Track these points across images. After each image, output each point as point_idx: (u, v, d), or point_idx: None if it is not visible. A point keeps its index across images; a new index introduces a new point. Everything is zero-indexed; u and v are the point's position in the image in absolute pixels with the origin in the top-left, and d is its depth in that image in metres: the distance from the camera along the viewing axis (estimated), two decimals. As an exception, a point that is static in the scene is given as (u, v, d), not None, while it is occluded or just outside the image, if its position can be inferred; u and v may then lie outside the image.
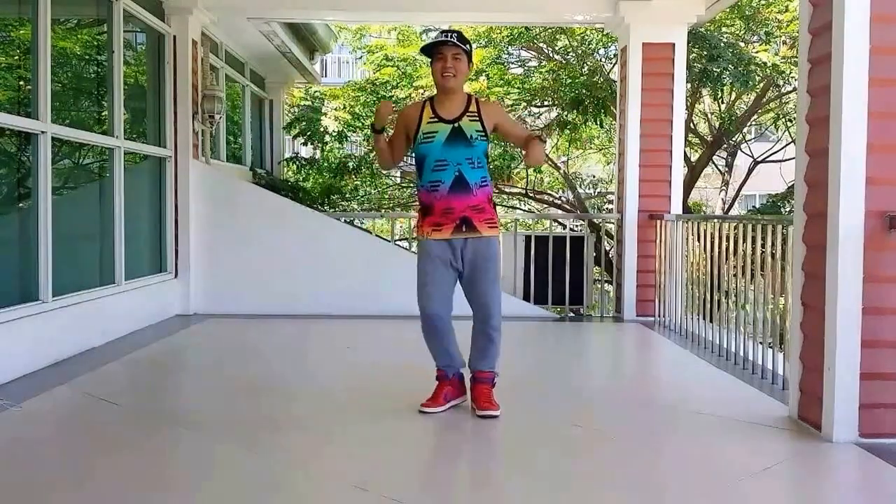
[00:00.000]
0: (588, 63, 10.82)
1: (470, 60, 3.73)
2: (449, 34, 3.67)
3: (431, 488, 2.90)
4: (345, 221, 8.43)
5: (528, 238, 7.29)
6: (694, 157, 12.22)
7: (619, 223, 6.98)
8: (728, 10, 9.28)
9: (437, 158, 3.64)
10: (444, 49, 3.64)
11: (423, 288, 3.72)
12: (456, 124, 3.65)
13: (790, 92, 10.65)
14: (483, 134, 3.68)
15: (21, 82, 4.80)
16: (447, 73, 3.64)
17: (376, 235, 8.27)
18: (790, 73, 9.68)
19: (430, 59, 3.74)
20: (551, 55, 11.34)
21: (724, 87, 10.05)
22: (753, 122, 12.41)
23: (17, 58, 4.87)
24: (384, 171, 11.02)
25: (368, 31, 12.87)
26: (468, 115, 3.67)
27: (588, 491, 2.86)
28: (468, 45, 3.70)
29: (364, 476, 2.94)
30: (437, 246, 3.69)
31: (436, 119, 3.67)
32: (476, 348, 3.79)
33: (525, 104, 11.45)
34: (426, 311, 3.71)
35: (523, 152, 3.78)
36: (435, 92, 3.81)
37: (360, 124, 10.97)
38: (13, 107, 4.69)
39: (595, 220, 10.42)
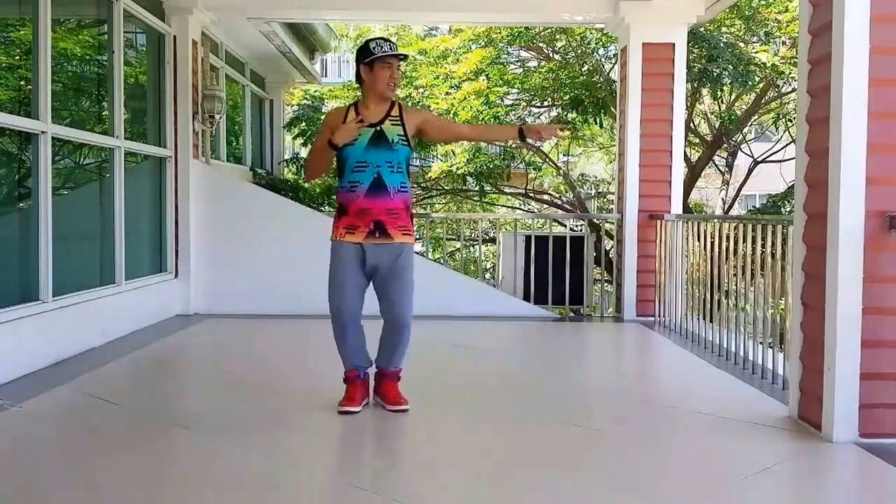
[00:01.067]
0: (587, 63, 10.82)
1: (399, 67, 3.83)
2: (391, 44, 3.74)
3: (431, 488, 2.90)
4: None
5: (528, 238, 7.29)
6: (694, 157, 12.23)
7: (619, 223, 6.98)
8: (728, 10, 9.28)
9: (357, 160, 3.68)
10: (393, 60, 3.71)
11: (335, 289, 3.80)
12: (378, 127, 3.70)
13: (790, 92, 10.66)
14: (404, 138, 3.72)
15: (22, 82, 4.80)
16: (391, 83, 3.72)
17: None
18: (790, 73, 9.68)
19: (368, 65, 3.70)
20: (551, 55, 11.34)
21: (724, 88, 10.05)
22: (754, 122, 12.42)
23: (17, 58, 4.87)
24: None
25: (370, 33, 12.87)
26: (390, 119, 3.72)
27: (588, 491, 2.86)
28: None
29: (364, 476, 2.94)
30: (349, 248, 3.74)
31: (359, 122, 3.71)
32: (385, 348, 3.83)
33: (525, 104, 11.46)
34: (339, 311, 3.79)
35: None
36: (361, 98, 3.84)
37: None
38: (13, 107, 4.70)
39: (595, 220, 10.43)
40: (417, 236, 14.39)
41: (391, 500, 2.68)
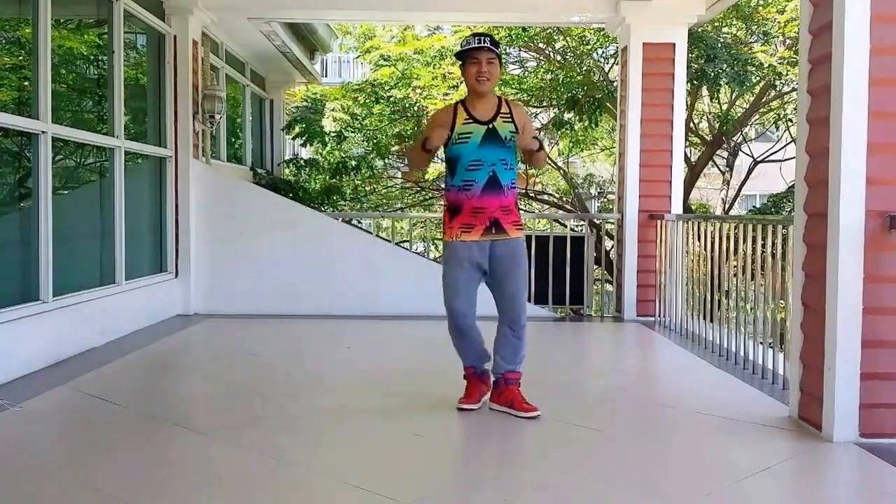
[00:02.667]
0: (585, 63, 10.82)
1: (500, 63, 3.80)
2: (482, 38, 3.69)
3: (430, 488, 2.90)
4: (343, 221, 8.42)
5: (528, 238, 7.26)
6: (694, 158, 12.23)
7: (619, 223, 6.98)
8: (727, 10, 9.27)
9: (472, 159, 3.67)
10: (478, 54, 3.67)
11: (450, 288, 3.74)
12: (490, 125, 3.68)
13: (790, 92, 10.66)
14: (515, 134, 3.71)
15: (22, 82, 4.80)
16: (482, 78, 3.67)
17: (377, 235, 8.27)
18: (787, 73, 9.68)
19: (461, 63, 3.76)
20: (550, 55, 11.34)
21: (721, 88, 10.05)
22: (754, 122, 12.42)
23: (17, 58, 4.87)
24: (408, 177, 11.16)
25: (372, 33, 12.87)
26: (501, 117, 3.71)
27: (588, 491, 2.86)
28: (498, 49, 3.75)
29: (364, 476, 2.94)
30: (465, 247, 3.70)
31: (470, 120, 3.70)
32: (504, 350, 3.81)
33: (523, 104, 11.46)
34: (454, 310, 3.74)
35: (524, 159, 3.81)
36: (466, 96, 3.83)
37: (360, 125, 10.97)
38: (14, 107, 4.70)
39: (595, 220, 10.43)
40: (418, 236, 14.42)
41: (390, 500, 2.68)
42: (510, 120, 3.71)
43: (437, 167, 12.42)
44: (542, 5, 6.99)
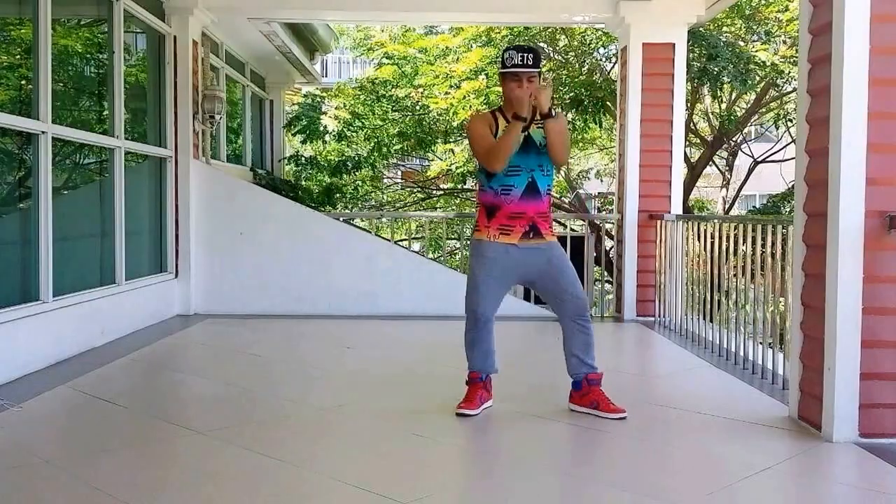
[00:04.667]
0: (587, 62, 10.82)
1: (541, 75, 3.73)
2: (525, 56, 3.62)
3: (430, 488, 2.90)
4: (343, 221, 8.42)
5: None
6: (694, 157, 12.23)
7: (619, 223, 6.98)
8: (728, 9, 9.27)
9: (511, 164, 3.65)
10: (520, 73, 3.63)
11: (476, 289, 3.72)
12: (527, 132, 3.68)
13: (790, 92, 10.65)
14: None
15: (23, 82, 4.80)
16: (522, 98, 3.61)
17: (376, 235, 8.27)
18: (789, 72, 9.68)
19: (502, 74, 3.69)
20: (551, 55, 11.33)
21: (723, 87, 10.04)
22: (754, 122, 12.42)
23: (17, 58, 4.87)
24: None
25: (371, 34, 12.87)
26: (535, 124, 3.69)
27: (588, 490, 2.86)
28: (542, 61, 3.72)
29: (364, 476, 2.94)
30: (503, 249, 3.69)
31: None
32: (577, 347, 3.77)
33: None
34: (478, 312, 3.72)
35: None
36: (502, 104, 3.80)
37: (361, 123, 10.97)
38: (14, 107, 4.70)
39: (595, 220, 10.43)
40: (417, 236, 14.41)
41: (390, 500, 2.68)
42: (543, 127, 3.69)
43: (439, 165, 12.43)
44: (542, 5, 6.99)
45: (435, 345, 5.75)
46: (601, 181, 14.43)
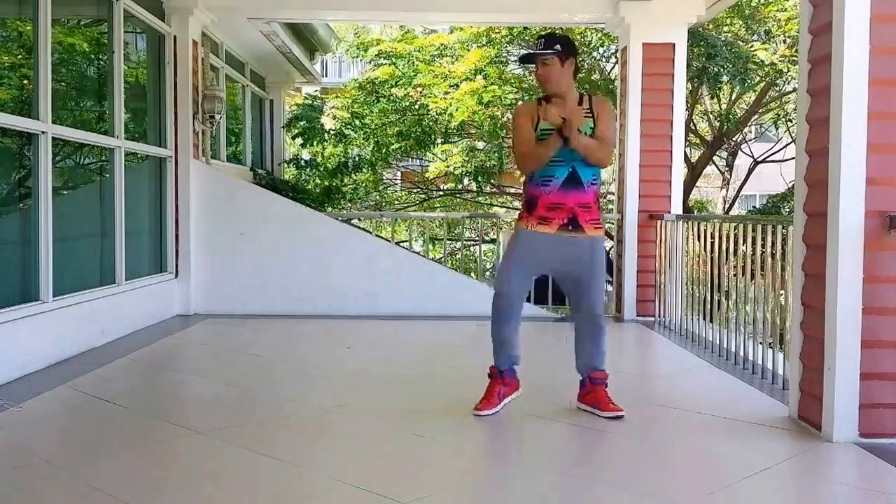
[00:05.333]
0: (587, 62, 10.82)
1: (565, 57, 3.66)
2: (539, 43, 3.68)
3: (430, 488, 2.90)
4: (343, 221, 8.43)
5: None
6: (694, 157, 12.23)
7: (619, 223, 6.97)
8: (728, 9, 9.27)
9: (554, 154, 3.63)
10: (533, 59, 3.71)
11: (506, 273, 3.74)
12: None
13: (790, 92, 10.65)
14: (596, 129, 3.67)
15: (23, 82, 4.80)
16: (541, 80, 3.70)
17: (376, 235, 8.27)
18: (789, 71, 9.68)
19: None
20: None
21: (723, 87, 10.05)
22: (754, 122, 12.42)
23: (17, 57, 4.87)
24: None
25: (368, 34, 12.87)
26: (583, 112, 3.66)
27: (588, 490, 2.86)
28: (557, 45, 3.66)
29: (364, 476, 2.94)
30: (537, 238, 3.68)
31: None
32: (585, 345, 3.79)
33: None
34: (504, 290, 3.72)
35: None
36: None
37: (360, 123, 10.97)
38: (14, 106, 4.70)
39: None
40: (417, 236, 14.40)
41: (390, 500, 2.68)
42: (591, 115, 3.67)
43: (437, 166, 12.42)
44: (542, 5, 6.99)
45: (435, 345, 5.75)
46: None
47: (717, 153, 12.19)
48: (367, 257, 6.94)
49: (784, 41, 10.20)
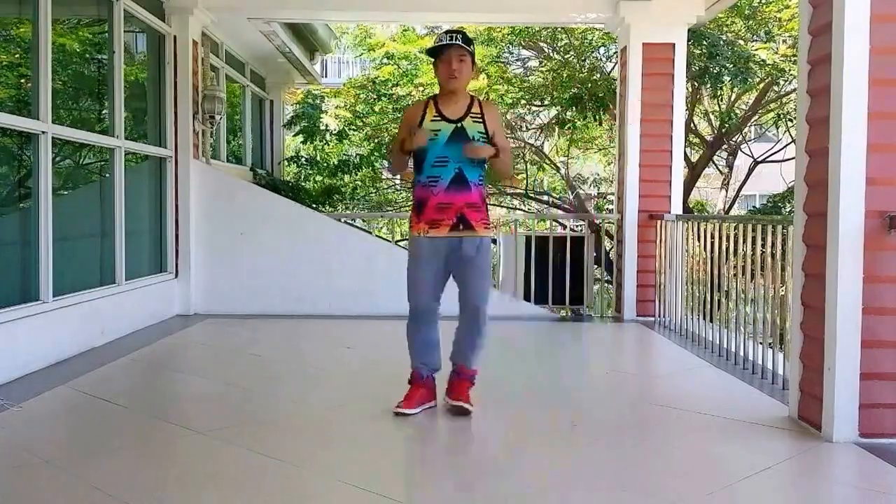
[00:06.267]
0: (588, 61, 10.82)
1: (473, 61, 3.74)
2: (454, 36, 3.67)
3: (431, 488, 2.90)
4: (344, 221, 8.43)
5: (528, 238, 7.29)
6: (694, 158, 12.23)
7: (619, 223, 6.98)
8: (728, 9, 9.27)
9: (438, 155, 3.66)
10: (449, 51, 3.65)
11: (414, 283, 3.78)
12: (459, 124, 3.67)
13: (790, 92, 10.65)
14: (485, 136, 3.68)
15: (22, 80, 4.80)
16: (452, 76, 3.66)
17: (376, 235, 8.27)
18: (790, 70, 9.68)
19: (434, 60, 3.74)
20: (551, 54, 11.34)
21: (724, 86, 10.05)
22: (754, 122, 12.42)
23: (17, 57, 4.87)
24: (389, 175, 11.02)
25: (369, 33, 12.88)
26: (472, 117, 3.69)
27: (588, 490, 2.86)
28: (472, 46, 3.71)
29: (364, 476, 2.94)
30: (431, 243, 3.71)
31: (439, 118, 3.69)
32: (462, 345, 3.83)
33: (525, 102, 11.46)
34: (417, 303, 3.77)
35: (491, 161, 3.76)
36: (438, 91, 3.82)
37: (362, 123, 10.98)
38: (14, 106, 4.70)
39: (595, 220, 10.43)
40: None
41: (390, 500, 2.68)
42: (480, 121, 3.69)
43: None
44: (542, 5, 6.99)
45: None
46: (597, 188, 14.43)
47: (717, 153, 12.18)
48: (367, 257, 6.94)
49: (785, 41, 10.21)
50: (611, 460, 3.22)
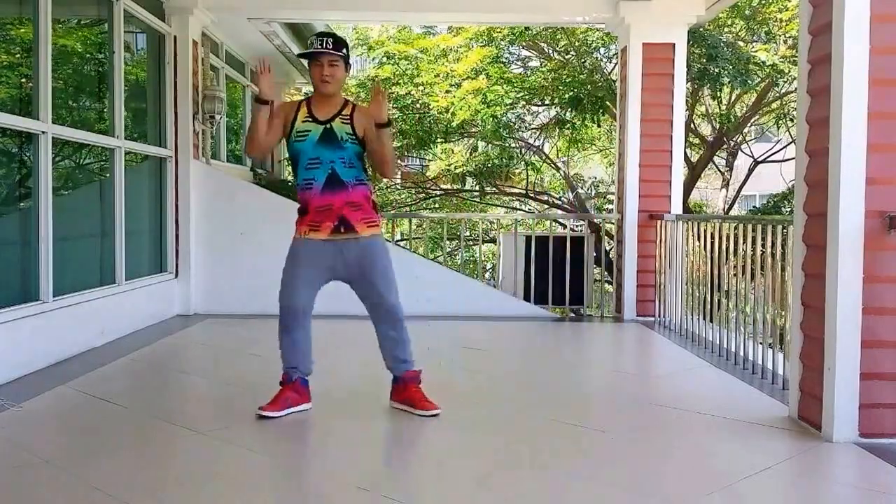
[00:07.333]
0: (588, 61, 10.83)
1: (347, 65, 3.74)
2: (325, 40, 3.67)
3: (432, 488, 2.90)
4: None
5: (528, 238, 7.29)
6: (694, 158, 12.24)
7: (619, 223, 6.98)
8: (728, 10, 9.28)
9: (310, 157, 3.69)
10: (321, 57, 3.67)
11: (289, 285, 3.83)
12: (328, 125, 3.69)
13: (790, 92, 10.66)
14: (353, 137, 3.69)
15: (23, 80, 4.80)
16: (325, 80, 3.67)
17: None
18: (790, 71, 9.68)
19: (308, 63, 3.76)
20: (551, 54, 11.35)
21: (723, 87, 10.06)
22: (754, 123, 12.43)
23: (17, 57, 4.87)
24: (254, 156, 10.46)
25: (368, 35, 12.88)
26: (340, 118, 3.70)
27: (587, 490, 2.86)
28: (344, 51, 3.72)
29: (364, 476, 2.94)
30: (310, 245, 3.74)
31: (310, 119, 3.71)
32: (390, 349, 3.84)
33: (525, 103, 11.47)
34: (289, 304, 3.83)
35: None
36: (312, 94, 3.82)
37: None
38: (14, 106, 4.70)
39: (595, 220, 10.43)
40: (417, 235, 14.39)
41: (391, 500, 2.68)
42: (348, 122, 3.70)
43: (436, 165, 12.44)
44: (542, 5, 6.99)
45: (434, 344, 5.74)
46: (596, 189, 14.43)
47: (717, 153, 12.19)
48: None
49: (785, 41, 10.21)
50: (610, 460, 3.22)
